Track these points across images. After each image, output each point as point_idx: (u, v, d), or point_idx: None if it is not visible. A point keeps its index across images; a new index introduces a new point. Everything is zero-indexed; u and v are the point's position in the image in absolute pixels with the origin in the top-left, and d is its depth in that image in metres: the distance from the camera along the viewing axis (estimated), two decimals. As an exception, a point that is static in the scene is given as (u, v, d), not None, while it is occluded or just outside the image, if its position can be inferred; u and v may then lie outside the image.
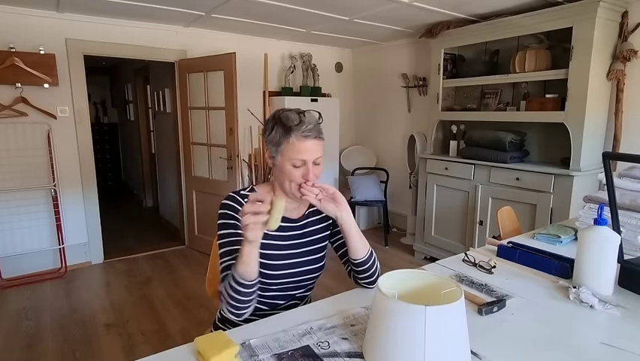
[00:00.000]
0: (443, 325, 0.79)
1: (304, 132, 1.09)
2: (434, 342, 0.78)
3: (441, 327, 0.78)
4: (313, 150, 1.12)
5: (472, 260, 1.45)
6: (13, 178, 3.19)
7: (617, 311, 1.09)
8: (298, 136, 1.09)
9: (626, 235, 1.44)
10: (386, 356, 0.82)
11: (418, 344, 0.78)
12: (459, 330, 0.82)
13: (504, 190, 3.01)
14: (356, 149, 4.94)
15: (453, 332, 0.81)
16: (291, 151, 1.10)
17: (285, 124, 1.11)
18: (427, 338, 0.78)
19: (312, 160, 1.13)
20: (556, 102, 2.82)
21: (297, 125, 1.10)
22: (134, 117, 5.90)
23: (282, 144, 1.11)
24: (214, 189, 3.81)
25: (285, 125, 1.11)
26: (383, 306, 0.83)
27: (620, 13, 2.66)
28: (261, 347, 0.92)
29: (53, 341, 2.44)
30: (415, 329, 0.78)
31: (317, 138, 1.13)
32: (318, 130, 1.14)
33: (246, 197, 1.19)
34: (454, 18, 3.25)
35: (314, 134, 1.11)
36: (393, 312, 0.81)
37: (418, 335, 0.78)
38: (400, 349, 0.80)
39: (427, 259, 3.71)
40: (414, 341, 0.78)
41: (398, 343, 0.80)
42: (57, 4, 2.99)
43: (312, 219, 1.27)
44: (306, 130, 1.10)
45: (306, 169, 1.12)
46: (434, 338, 0.78)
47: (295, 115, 1.12)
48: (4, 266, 3.20)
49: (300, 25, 3.65)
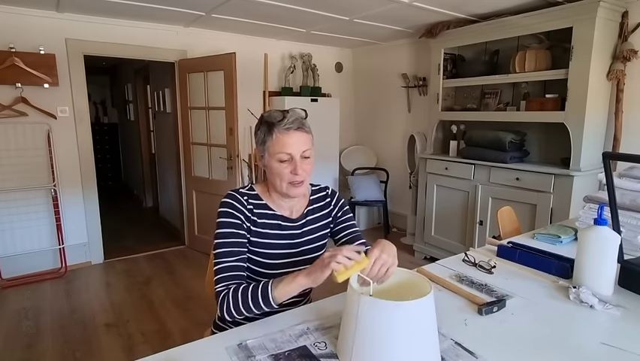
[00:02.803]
0: (413, 320, 0.81)
1: (286, 125, 1.10)
2: (403, 337, 0.80)
3: (411, 322, 0.81)
4: (298, 142, 1.12)
5: (472, 260, 1.45)
6: (13, 178, 3.19)
7: (617, 311, 1.09)
8: (281, 130, 1.11)
9: (626, 235, 1.44)
10: (357, 351, 0.84)
11: (387, 339, 0.81)
12: (428, 326, 0.84)
13: (504, 190, 3.01)
14: (356, 149, 4.94)
15: (422, 327, 0.82)
16: (275, 146, 1.11)
17: (268, 122, 1.13)
18: (396, 333, 0.80)
19: (298, 153, 1.12)
20: (556, 102, 2.82)
21: (280, 120, 1.11)
22: (134, 117, 5.90)
23: (267, 142, 1.13)
24: (214, 189, 3.81)
25: (268, 122, 1.13)
26: (354, 302, 0.85)
27: (620, 13, 2.66)
28: (257, 348, 0.92)
29: (53, 341, 2.44)
30: (383, 324, 0.81)
31: (300, 129, 1.12)
32: (302, 123, 1.14)
33: (245, 195, 1.19)
34: (454, 18, 3.25)
35: (296, 125, 1.12)
36: (363, 308, 0.83)
37: (386, 331, 0.81)
38: (370, 344, 0.82)
39: (427, 259, 3.71)
40: (382, 336, 0.81)
41: (368, 338, 0.82)
42: (57, 4, 2.99)
43: (310, 218, 1.27)
44: (287, 123, 1.11)
45: (294, 164, 1.12)
46: (404, 334, 0.81)
47: (278, 113, 1.13)
48: (4, 266, 3.20)
49: (300, 25, 3.64)
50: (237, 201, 1.17)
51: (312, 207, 1.28)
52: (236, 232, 1.14)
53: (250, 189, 1.22)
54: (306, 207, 1.27)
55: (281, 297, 0.99)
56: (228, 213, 1.15)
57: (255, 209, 1.19)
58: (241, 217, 1.15)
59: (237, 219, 1.15)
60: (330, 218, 1.31)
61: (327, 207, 1.31)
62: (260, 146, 1.16)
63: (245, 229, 1.16)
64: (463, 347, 0.92)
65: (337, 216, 1.32)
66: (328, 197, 1.32)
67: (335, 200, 1.33)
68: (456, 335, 0.97)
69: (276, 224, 1.21)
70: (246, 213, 1.17)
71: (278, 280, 1.00)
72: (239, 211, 1.16)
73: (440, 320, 1.03)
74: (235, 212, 1.15)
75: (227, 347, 0.93)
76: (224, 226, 1.14)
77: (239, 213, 1.15)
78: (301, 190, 1.17)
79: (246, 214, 1.17)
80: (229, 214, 1.15)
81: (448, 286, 1.25)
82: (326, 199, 1.32)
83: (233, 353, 0.90)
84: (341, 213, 1.32)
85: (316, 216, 1.28)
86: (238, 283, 1.07)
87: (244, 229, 1.16)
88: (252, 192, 1.21)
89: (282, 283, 0.99)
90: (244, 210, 1.17)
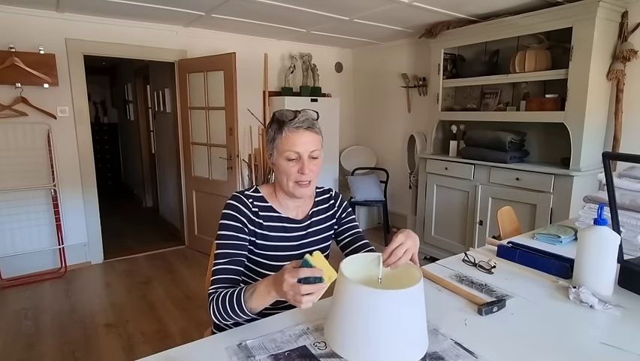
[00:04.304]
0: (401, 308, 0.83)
1: (297, 124, 1.11)
2: (391, 325, 0.82)
3: (401, 311, 0.82)
4: (307, 141, 1.12)
5: (472, 260, 1.45)
6: (13, 178, 3.19)
7: (617, 311, 1.09)
8: (291, 128, 1.11)
9: (626, 235, 1.44)
10: (343, 336, 0.86)
11: (375, 327, 0.82)
12: (417, 314, 0.85)
13: (504, 190, 3.01)
14: (356, 149, 4.94)
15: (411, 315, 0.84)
16: (284, 144, 1.12)
17: (279, 120, 1.13)
18: (383, 321, 0.82)
19: (306, 153, 1.12)
20: (556, 102, 2.82)
21: (291, 119, 1.12)
22: (134, 117, 5.90)
23: (277, 139, 1.13)
24: (214, 189, 3.81)
25: (279, 120, 1.13)
26: (343, 288, 0.87)
27: (620, 13, 2.66)
28: (257, 348, 0.92)
29: (53, 341, 2.44)
30: (370, 311, 0.82)
31: (310, 129, 1.13)
32: (312, 123, 1.14)
33: (251, 197, 1.19)
34: (454, 18, 3.25)
35: (306, 125, 1.12)
36: (350, 295, 0.85)
37: (373, 318, 0.82)
38: (358, 331, 0.84)
39: (427, 259, 3.71)
40: (369, 323, 0.83)
41: (355, 325, 0.84)
42: (57, 4, 2.99)
43: (315, 219, 1.27)
44: (298, 121, 1.11)
45: (301, 163, 1.12)
46: (391, 322, 0.82)
47: (290, 112, 1.14)
48: (4, 266, 3.20)
49: (300, 25, 3.64)
50: (242, 204, 1.17)
51: (316, 208, 1.28)
52: (237, 235, 1.13)
53: (255, 191, 1.22)
54: (311, 209, 1.27)
55: (257, 308, 0.97)
56: (231, 216, 1.15)
57: (261, 211, 1.19)
58: (244, 220, 1.15)
59: (239, 223, 1.14)
60: (335, 220, 1.32)
61: (331, 209, 1.32)
62: (270, 143, 1.16)
63: (247, 233, 1.16)
64: (463, 347, 0.92)
65: (341, 217, 1.33)
66: (332, 199, 1.33)
67: (339, 202, 1.34)
68: (456, 335, 0.97)
69: (281, 227, 1.21)
70: (250, 217, 1.16)
71: (250, 291, 0.96)
72: (242, 214, 1.15)
73: (440, 320, 1.03)
74: (239, 215, 1.15)
75: (227, 347, 0.92)
76: (225, 229, 1.14)
77: (242, 217, 1.15)
78: (307, 191, 1.17)
79: (251, 217, 1.17)
80: (232, 217, 1.15)
81: (448, 286, 1.25)
82: (330, 201, 1.33)
83: (233, 353, 0.90)
84: (345, 214, 1.33)
85: (321, 217, 1.29)
86: (228, 286, 1.07)
87: (246, 233, 1.15)
88: (257, 194, 1.21)
89: (254, 296, 0.95)
90: (248, 214, 1.16)
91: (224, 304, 1.00)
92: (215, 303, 1.02)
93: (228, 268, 1.10)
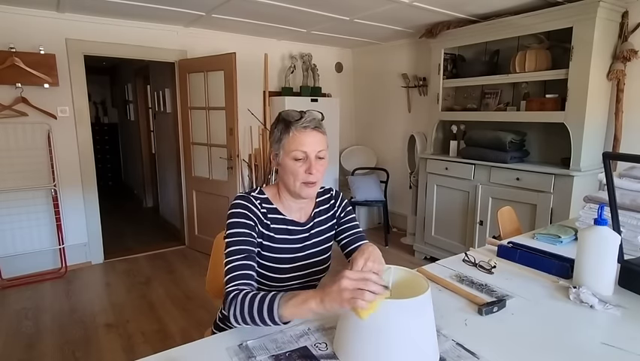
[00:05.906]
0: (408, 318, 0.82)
1: (304, 124, 1.11)
2: (399, 336, 0.82)
3: (409, 321, 0.82)
4: (314, 141, 1.12)
5: (472, 260, 1.45)
6: (13, 178, 3.19)
7: (617, 311, 1.09)
8: (298, 128, 1.11)
9: (626, 235, 1.44)
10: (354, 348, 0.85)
11: (385, 337, 0.82)
12: (426, 323, 0.84)
13: (504, 190, 3.01)
14: (356, 149, 4.94)
15: (419, 325, 0.83)
16: (291, 143, 1.11)
17: (285, 120, 1.13)
18: (393, 331, 0.81)
19: (314, 153, 1.12)
20: (556, 102, 2.82)
21: (298, 120, 1.12)
22: (134, 117, 5.90)
23: (283, 140, 1.13)
24: (214, 189, 3.81)
25: (285, 120, 1.13)
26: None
27: (620, 13, 2.66)
28: (258, 348, 0.92)
29: (53, 341, 2.44)
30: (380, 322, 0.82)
31: (316, 129, 1.13)
32: (319, 123, 1.15)
33: (257, 199, 1.18)
34: (454, 18, 3.25)
35: (313, 125, 1.12)
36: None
37: (384, 329, 0.82)
38: (367, 342, 0.83)
39: (427, 259, 3.71)
40: (380, 333, 0.82)
41: (365, 336, 0.83)
42: (57, 4, 2.99)
43: (318, 220, 1.27)
44: (305, 121, 1.12)
45: (309, 163, 1.12)
46: (400, 332, 0.82)
47: (296, 112, 1.14)
48: (4, 266, 3.20)
49: (300, 25, 3.64)
50: (252, 204, 1.16)
51: (318, 209, 1.28)
52: (250, 232, 1.12)
53: (260, 193, 1.21)
54: (313, 210, 1.27)
55: (288, 317, 0.91)
56: (241, 214, 1.13)
57: (269, 213, 1.19)
58: (255, 220, 1.14)
59: (251, 220, 1.13)
60: (335, 219, 1.31)
61: (331, 209, 1.31)
62: (275, 144, 1.15)
63: (257, 232, 1.15)
64: (464, 347, 0.92)
65: (341, 216, 1.32)
66: (332, 198, 1.32)
67: (339, 201, 1.33)
68: (457, 335, 0.97)
69: (286, 229, 1.21)
70: (260, 217, 1.16)
71: (287, 297, 0.92)
72: (253, 213, 1.14)
73: (441, 321, 1.03)
74: (249, 213, 1.14)
75: (227, 348, 0.92)
76: (237, 226, 1.11)
77: (252, 215, 1.14)
78: (313, 191, 1.16)
79: (260, 218, 1.16)
80: (242, 215, 1.13)
81: (448, 286, 1.25)
82: (330, 201, 1.32)
83: (233, 354, 0.90)
84: (344, 213, 1.32)
85: (322, 218, 1.28)
86: (248, 284, 1.04)
87: (256, 232, 1.14)
88: (262, 196, 1.20)
89: (291, 303, 0.90)
90: (258, 214, 1.16)
91: (251, 306, 0.94)
92: (239, 303, 0.96)
93: (245, 264, 1.07)
